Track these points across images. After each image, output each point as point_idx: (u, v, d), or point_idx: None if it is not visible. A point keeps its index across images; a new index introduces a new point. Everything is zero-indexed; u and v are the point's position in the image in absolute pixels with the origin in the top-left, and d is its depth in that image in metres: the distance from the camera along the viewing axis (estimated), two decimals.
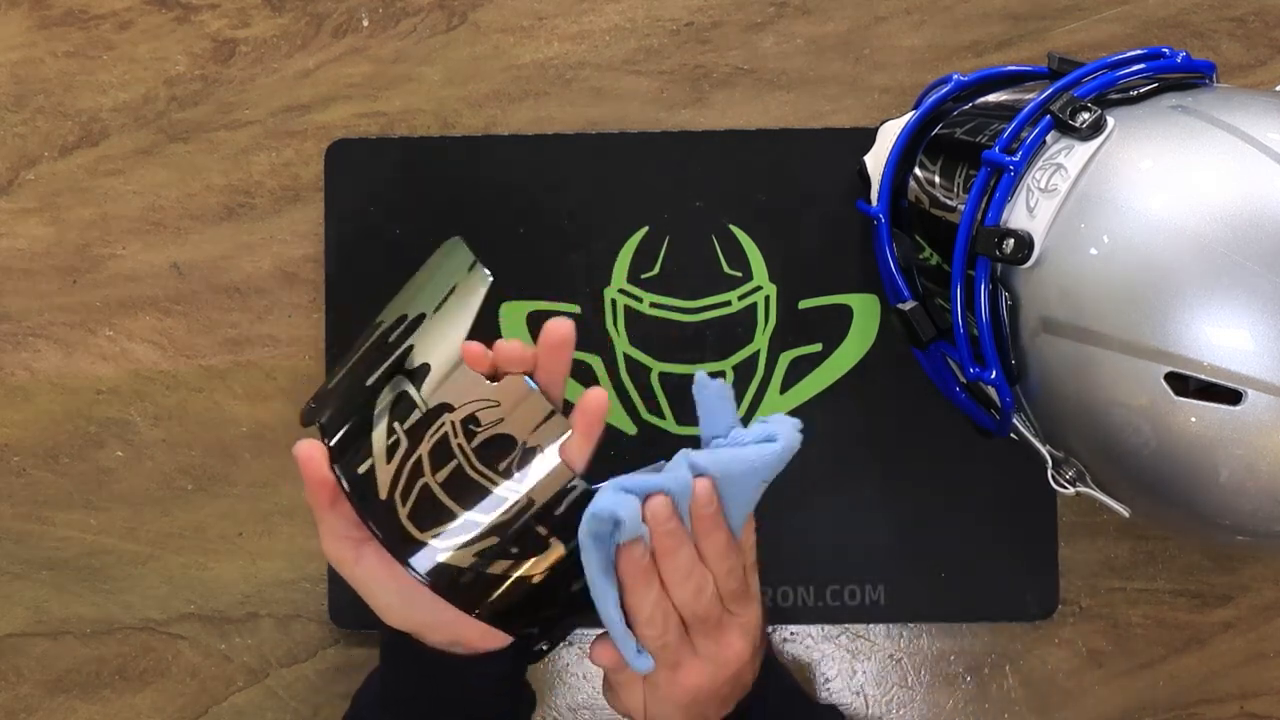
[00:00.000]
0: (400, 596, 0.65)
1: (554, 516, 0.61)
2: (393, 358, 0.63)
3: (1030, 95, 0.71)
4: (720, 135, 0.87)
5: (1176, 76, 0.70)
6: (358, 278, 0.86)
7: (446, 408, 0.61)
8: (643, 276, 0.86)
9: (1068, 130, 0.66)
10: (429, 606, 0.64)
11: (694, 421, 0.85)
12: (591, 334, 0.85)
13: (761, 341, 0.85)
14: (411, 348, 0.63)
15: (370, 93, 0.87)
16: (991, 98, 0.77)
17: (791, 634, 0.86)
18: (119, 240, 0.87)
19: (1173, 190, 0.61)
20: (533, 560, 0.62)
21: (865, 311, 0.86)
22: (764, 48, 0.88)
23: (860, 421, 0.85)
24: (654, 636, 0.63)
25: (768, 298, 0.86)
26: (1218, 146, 0.61)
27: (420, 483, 0.62)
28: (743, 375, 0.85)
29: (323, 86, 0.87)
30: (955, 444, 0.84)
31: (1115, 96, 0.68)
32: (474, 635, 0.65)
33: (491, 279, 0.62)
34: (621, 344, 0.85)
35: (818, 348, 0.86)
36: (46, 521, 0.86)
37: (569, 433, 0.61)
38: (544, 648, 0.68)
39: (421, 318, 0.64)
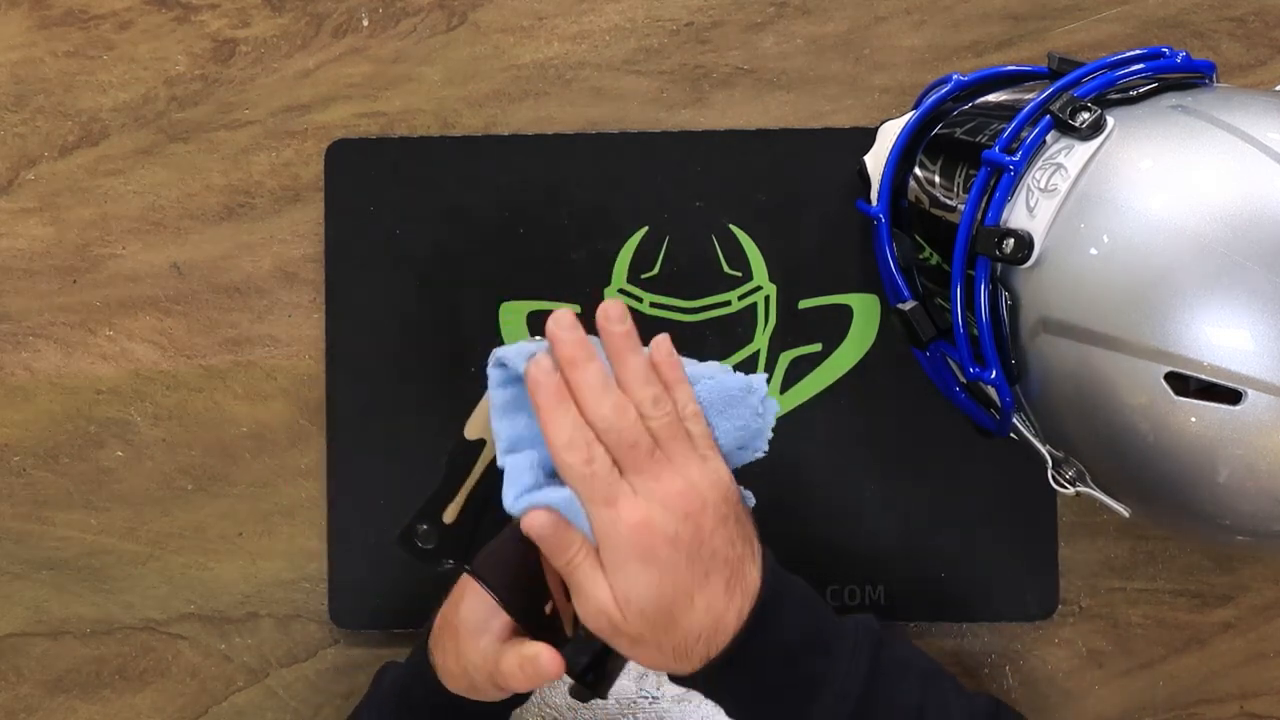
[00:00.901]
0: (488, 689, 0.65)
1: None
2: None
3: (1030, 95, 0.71)
4: (720, 135, 0.87)
5: (1176, 76, 0.70)
6: (358, 278, 0.86)
7: None
8: (643, 276, 0.86)
9: (1068, 130, 0.66)
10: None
11: None
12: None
13: (761, 341, 0.85)
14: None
15: (370, 93, 0.87)
16: (991, 98, 0.77)
17: None
18: (119, 240, 0.87)
19: (1173, 190, 0.61)
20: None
21: (865, 311, 0.86)
22: (764, 48, 0.88)
23: (860, 421, 0.85)
24: (577, 463, 0.57)
25: (768, 298, 0.86)
26: (1218, 146, 0.61)
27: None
28: None
29: (323, 86, 0.87)
30: (955, 444, 0.84)
31: (1115, 96, 0.68)
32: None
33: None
34: None
35: (818, 348, 0.86)
36: (46, 521, 0.86)
37: None
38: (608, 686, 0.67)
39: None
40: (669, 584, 0.58)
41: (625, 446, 0.58)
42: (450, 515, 0.64)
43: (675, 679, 0.63)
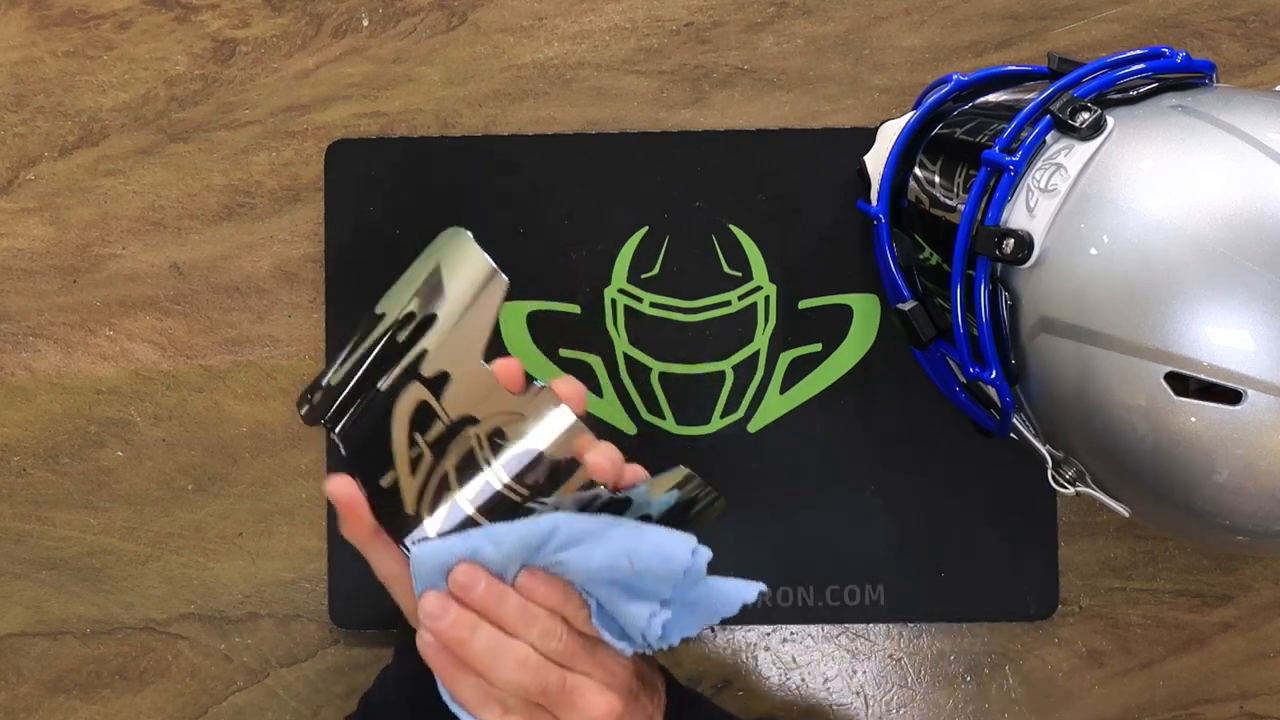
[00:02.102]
0: None
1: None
2: (405, 362, 0.62)
3: (1030, 95, 0.71)
4: (720, 135, 0.87)
5: (1176, 76, 0.70)
6: (358, 278, 0.86)
7: (471, 420, 0.61)
8: (643, 276, 0.86)
9: (1068, 130, 0.66)
10: None
11: (694, 421, 0.85)
12: (591, 334, 0.85)
13: (761, 341, 0.85)
14: (426, 352, 0.62)
15: (370, 93, 0.87)
16: (991, 98, 0.77)
17: (791, 634, 0.86)
18: (119, 240, 0.87)
19: (1173, 190, 0.61)
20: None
21: (865, 311, 0.86)
22: (764, 48, 0.88)
23: (860, 421, 0.85)
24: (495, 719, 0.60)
25: (768, 298, 0.86)
26: (1218, 146, 0.61)
27: (449, 498, 0.61)
28: (743, 375, 0.85)
29: (323, 86, 0.87)
30: (955, 444, 0.84)
31: (1115, 96, 0.68)
32: None
33: (508, 283, 0.61)
34: (621, 344, 0.86)
35: (818, 348, 0.86)
36: (46, 521, 0.86)
37: (593, 441, 0.60)
38: None
39: (432, 319, 0.63)
40: None
41: (539, 695, 0.60)
42: (335, 379, 0.64)
43: None
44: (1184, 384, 0.60)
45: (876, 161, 0.80)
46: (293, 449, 0.86)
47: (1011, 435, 0.73)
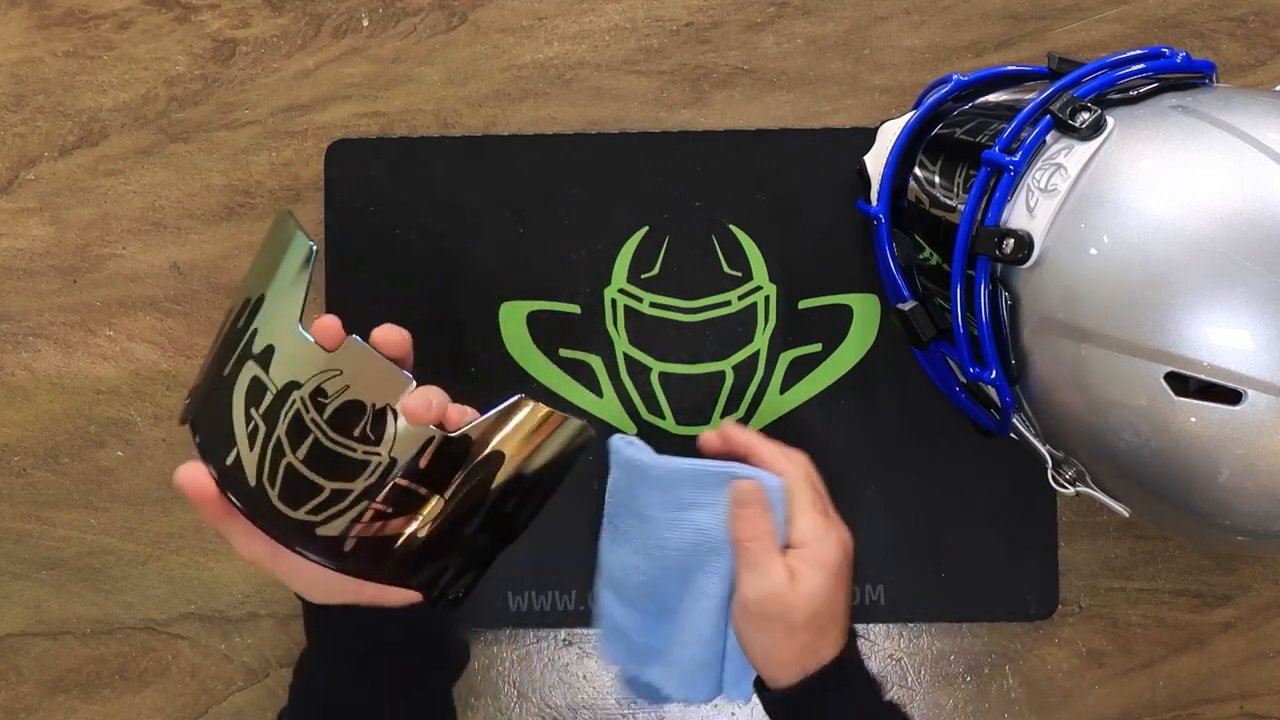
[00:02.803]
0: (314, 574, 0.65)
1: (420, 470, 0.62)
2: (241, 343, 0.64)
3: (1030, 95, 0.71)
4: (720, 135, 0.87)
5: (1176, 76, 0.70)
6: (358, 278, 0.86)
7: (294, 385, 0.62)
8: (643, 276, 0.86)
9: (1068, 130, 0.66)
10: (338, 578, 0.64)
11: (694, 421, 0.85)
12: (591, 334, 0.85)
13: (761, 341, 0.85)
14: (255, 331, 0.63)
15: (370, 93, 0.87)
16: (991, 98, 0.77)
17: None
18: (119, 240, 0.87)
19: (1173, 190, 0.61)
20: (411, 516, 0.63)
21: (865, 311, 0.86)
22: (764, 48, 0.88)
23: (860, 421, 0.85)
24: (801, 479, 0.72)
25: (768, 298, 0.86)
26: (1218, 146, 0.61)
27: (284, 463, 0.62)
28: (743, 375, 0.85)
29: (323, 86, 0.87)
30: (955, 444, 0.84)
31: (1115, 96, 0.68)
32: (390, 596, 0.65)
33: (314, 246, 0.62)
34: (621, 344, 0.86)
35: (818, 348, 0.86)
36: (46, 521, 0.86)
37: (412, 385, 0.61)
38: (459, 595, 0.68)
39: (262, 299, 0.64)
40: (836, 598, 0.69)
41: (810, 488, 0.72)
42: (196, 379, 0.66)
43: (760, 692, 0.72)
44: (1184, 384, 0.60)
45: (876, 161, 0.80)
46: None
47: (1011, 435, 0.73)
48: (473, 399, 0.65)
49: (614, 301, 0.86)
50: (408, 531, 0.63)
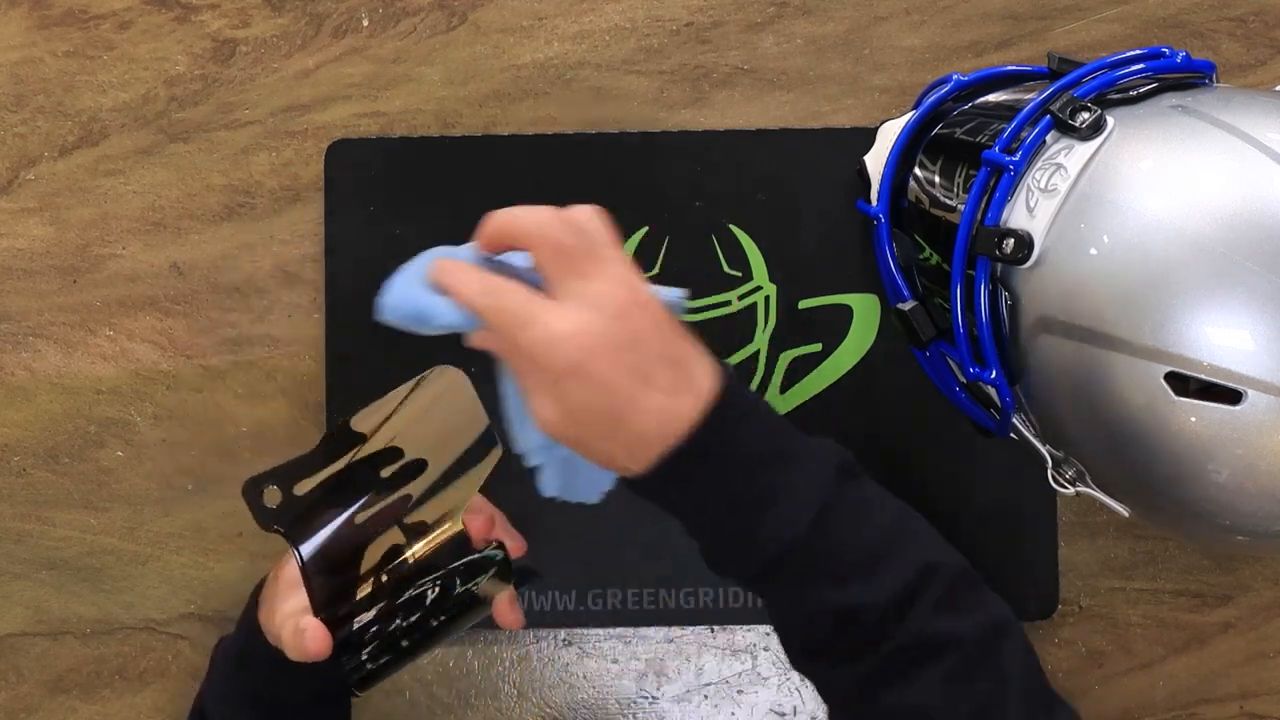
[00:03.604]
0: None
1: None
2: (387, 502, 0.64)
3: (1030, 95, 0.71)
4: (720, 135, 0.87)
5: (1176, 76, 0.70)
6: (358, 278, 0.86)
7: (429, 569, 0.63)
8: (643, 276, 0.86)
9: (1068, 130, 0.66)
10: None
11: None
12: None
13: (761, 341, 0.85)
14: (409, 498, 0.64)
15: (370, 93, 0.87)
16: (991, 98, 0.77)
17: None
18: (119, 240, 0.87)
19: (1172, 190, 0.61)
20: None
21: (865, 311, 0.86)
22: (764, 48, 0.88)
23: (860, 421, 0.85)
24: (482, 300, 0.57)
25: (768, 298, 0.86)
26: (1218, 146, 0.61)
27: (388, 626, 0.64)
28: (743, 375, 0.85)
29: (323, 86, 0.87)
30: (955, 444, 0.84)
31: (1115, 96, 0.68)
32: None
33: (502, 453, 0.63)
34: None
35: (818, 348, 0.86)
36: (46, 521, 0.86)
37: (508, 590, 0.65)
38: (360, 677, 0.68)
39: (422, 465, 0.64)
40: (607, 390, 0.55)
41: (551, 250, 0.57)
42: (302, 489, 0.64)
43: (630, 485, 0.60)
44: (1184, 384, 0.60)
45: (876, 161, 0.80)
46: (293, 449, 0.85)
47: (1011, 435, 0.73)
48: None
49: None
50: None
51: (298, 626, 0.63)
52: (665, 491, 0.59)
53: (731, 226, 0.86)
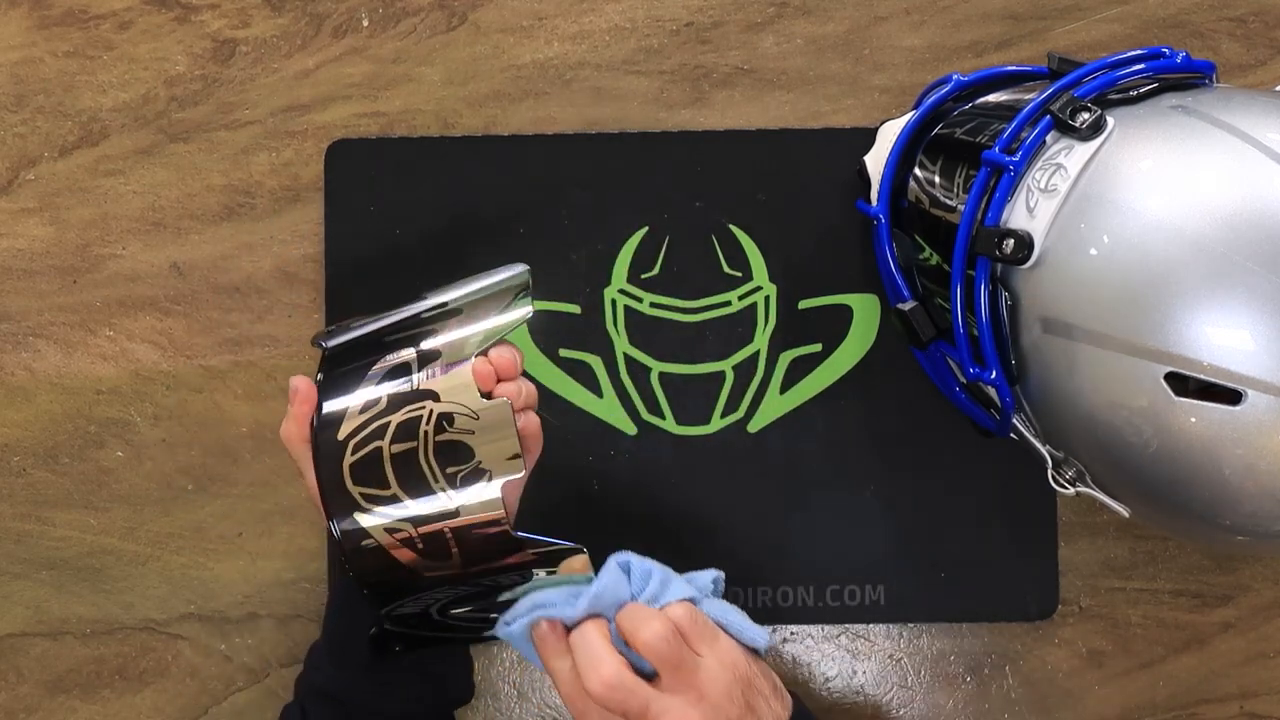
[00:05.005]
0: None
1: (468, 537, 0.64)
2: (414, 329, 0.67)
3: (1030, 95, 0.71)
4: (720, 135, 0.87)
5: (1176, 76, 0.70)
6: (358, 278, 0.86)
7: (433, 396, 0.64)
8: (643, 276, 0.86)
9: (1068, 130, 0.66)
10: None
11: (694, 421, 0.85)
12: (591, 334, 0.85)
13: (761, 341, 0.85)
14: (433, 331, 0.66)
15: (370, 93, 0.87)
16: (991, 98, 0.77)
17: (791, 634, 0.86)
18: (119, 240, 0.87)
19: (1173, 190, 0.61)
20: (431, 563, 0.64)
21: (865, 311, 0.86)
22: (764, 48, 0.88)
23: (860, 421, 0.85)
24: (605, 694, 0.61)
25: (768, 298, 0.86)
26: (1218, 146, 0.61)
27: (375, 444, 0.64)
28: (743, 375, 0.85)
29: (323, 86, 0.87)
30: (955, 444, 0.84)
31: (1115, 96, 0.68)
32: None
33: (531, 314, 0.66)
34: (621, 344, 0.85)
35: (818, 348, 0.86)
36: (46, 521, 0.86)
37: (521, 475, 0.65)
38: (399, 647, 0.69)
39: (457, 311, 0.67)
40: None
41: (671, 667, 0.61)
42: (355, 324, 0.69)
43: None
44: (1184, 384, 0.60)
45: (876, 161, 0.80)
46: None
47: (1011, 435, 0.73)
48: None
49: (614, 301, 0.86)
50: (413, 568, 0.65)
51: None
52: None
53: (731, 226, 0.86)
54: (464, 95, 0.87)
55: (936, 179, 0.75)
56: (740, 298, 0.86)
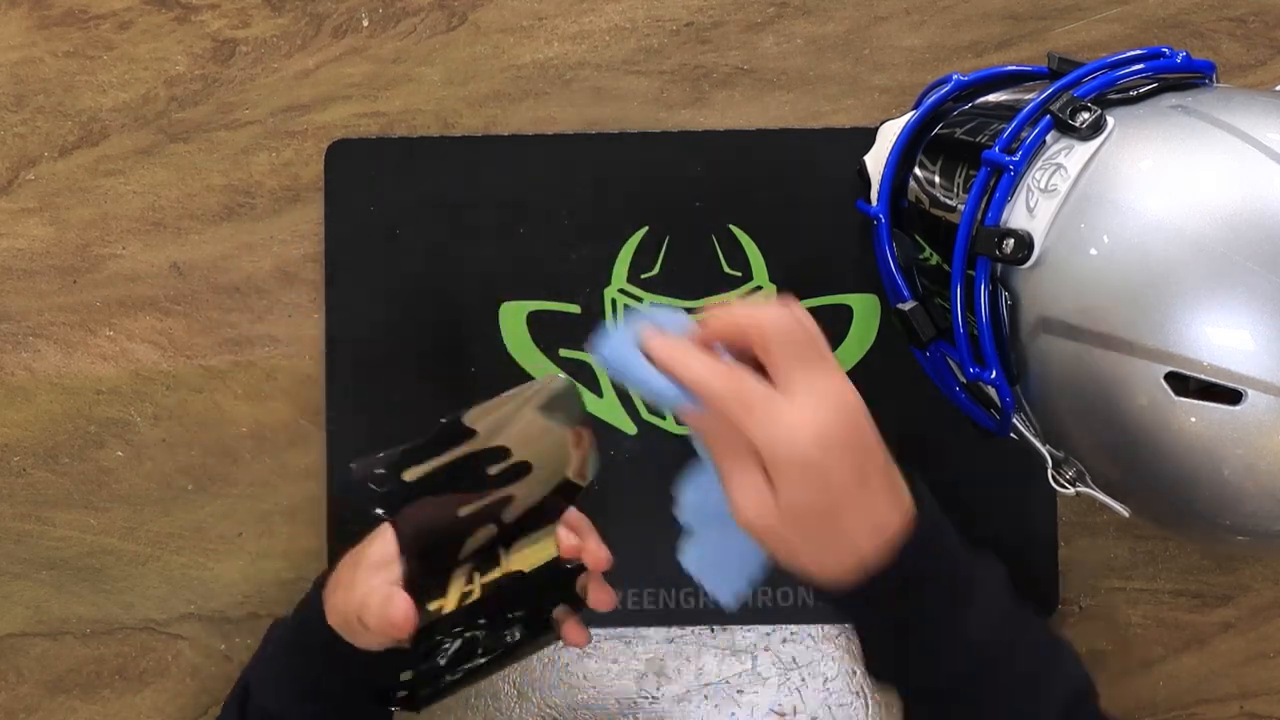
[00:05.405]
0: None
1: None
2: (491, 500, 0.65)
3: (1030, 95, 0.71)
4: (720, 135, 0.87)
5: (1176, 76, 0.70)
6: (358, 278, 0.86)
7: (521, 575, 0.65)
8: (643, 276, 0.86)
9: (1068, 130, 0.66)
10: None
11: None
12: (591, 334, 0.85)
13: None
14: (512, 499, 0.64)
15: (370, 93, 0.87)
16: (991, 98, 0.77)
17: (791, 634, 0.86)
18: (119, 240, 0.87)
19: (1173, 190, 0.61)
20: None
21: (865, 311, 0.86)
22: (764, 48, 0.88)
23: None
24: (721, 385, 0.56)
25: (768, 298, 0.86)
26: (1218, 146, 0.61)
27: (472, 631, 0.66)
28: None
29: (323, 86, 0.87)
30: (955, 444, 0.84)
31: (1115, 96, 0.68)
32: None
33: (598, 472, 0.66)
34: None
35: None
36: (46, 521, 0.86)
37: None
38: (419, 694, 0.69)
39: (527, 468, 0.64)
40: (834, 490, 0.55)
41: (788, 343, 0.56)
42: (411, 476, 0.64)
43: (823, 596, 0.60)
44: (1184, 384, 0.60)
45: (876, 161, 0.80)
46: (293, 449, 0.86)
47: (1011, 435, 0.73)
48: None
49: (614, 301, 0.86)
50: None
51: (387, 594, 0.63)
52: (862, 607, 0.59)
53: (731, 226, 0.86)
54: (464, 95, 0.87)
55: (936, 179, 0.75)
56: (740, 298, 0.86)
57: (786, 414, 0.55)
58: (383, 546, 0.66)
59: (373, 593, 0.64)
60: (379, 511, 0.64)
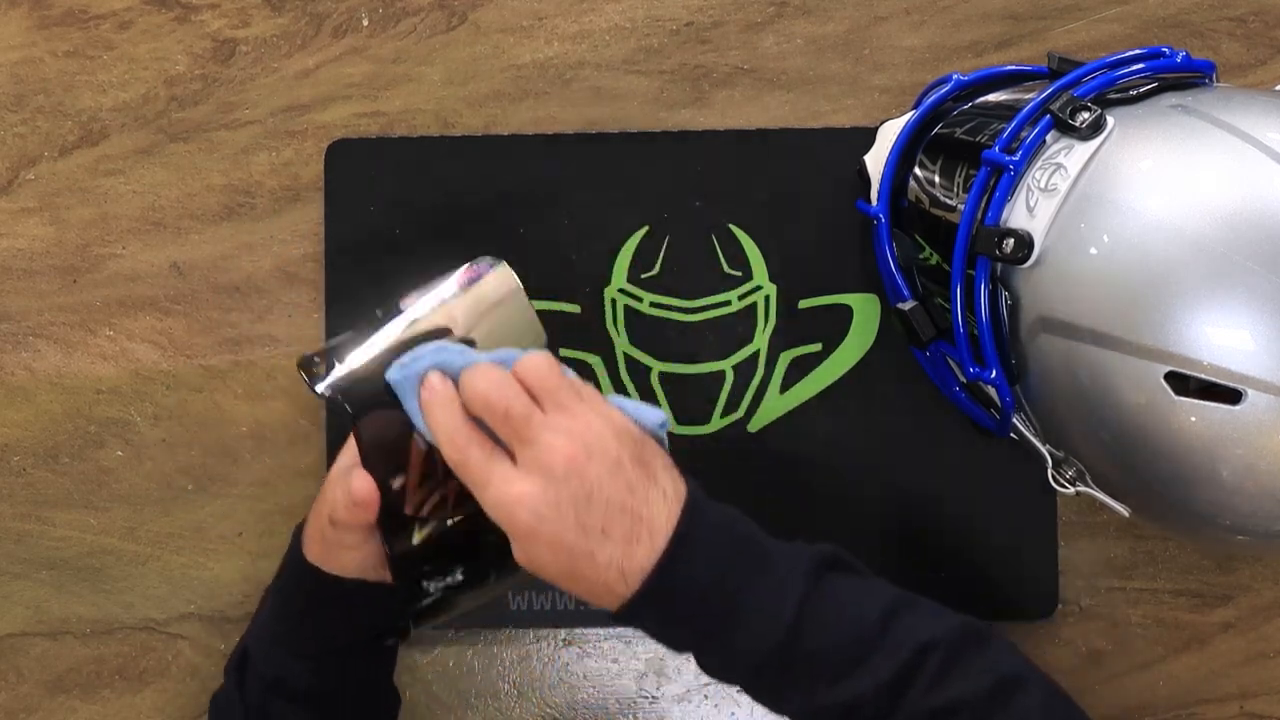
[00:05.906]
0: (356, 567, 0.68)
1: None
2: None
3: (1030, 95, 0.71)
4: (720, 135, 0.87)
5: (1176, 76, 0.70)
6: (358, 278, 0.86)
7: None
8: (643, 276, 0.86)
9: (1067, 130, 0.66)
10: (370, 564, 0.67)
11: (694, 421, 0.85)
12: (591, 334, 0.85)
13: (761, 341, 0.85)
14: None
15: (370, 93, 0.87)
16: (991, 97, 0.77)
17: None
18: (119, 240, 0.87)
19: (1172, 190, 0.61)
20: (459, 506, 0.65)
21: (865, 311, 0.86)
22: (764, 48, 0.88)
23: (860, 421, 0.85)
24: (451, 453, 0.60)
25: (768, 298, 0.86)
26: (1218, 146, 0.61)
27: (440, 518, 0.65)
28: (743, 375, 0.85)
29: (323, 86, 0.87)
30: (955, 444, 0.84)
31: (1115, 96, 0.68)
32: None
33: (517, 284, 0.67)
34: (621, 344, 0.86)
35: (818, 348, 0.86)
36: (46, 521, 0.86)
37: None
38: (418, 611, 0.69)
39: (470, 344, 0.65)
40: (561, 551, 0.58)
41: (499, 418, 0.59)
42: (356, 361, 0.65)
43: (611, 618, 0.62)
44: (1184, 384, 0.60)
45: (876, 161, 0.80)
46: (293, 449, 0.86)
47: (1011, 435, 0.73)
48: None
49: (614, 301, 0.86)
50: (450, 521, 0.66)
51: (347, 481, 0.64)
52: (642, 624, 0.61)
53: (731, 226, 0.86)
54: (464, 95, 0.87)
55: (936, 179, 0.75)
56: (740, 297, 0.86)
57: (504, 489, 0.58)
58: (344, 459, 0.69)
59: (334, 486, 0.66)
60: (329, 394, 0.65)
